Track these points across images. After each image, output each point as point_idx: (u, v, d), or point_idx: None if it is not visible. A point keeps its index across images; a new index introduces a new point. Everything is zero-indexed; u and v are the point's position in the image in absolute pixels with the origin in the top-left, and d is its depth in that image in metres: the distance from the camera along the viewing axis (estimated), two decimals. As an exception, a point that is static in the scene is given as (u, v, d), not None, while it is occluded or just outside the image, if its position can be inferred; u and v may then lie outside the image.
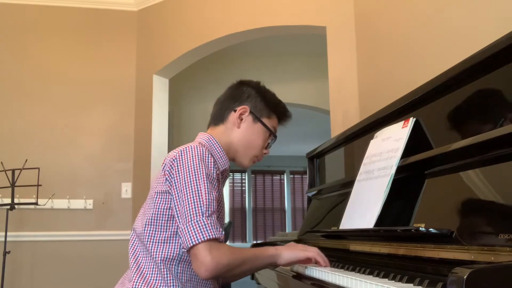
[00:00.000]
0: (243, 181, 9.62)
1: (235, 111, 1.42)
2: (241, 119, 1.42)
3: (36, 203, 3.07)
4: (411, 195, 1.15)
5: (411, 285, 0.90)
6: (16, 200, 3.07)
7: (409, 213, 1.12)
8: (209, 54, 3.61)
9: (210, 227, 1.17)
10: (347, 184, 1.57)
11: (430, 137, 1.20)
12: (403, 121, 1.26)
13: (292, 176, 9.72)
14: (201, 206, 1.19)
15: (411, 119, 1.23)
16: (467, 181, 0.97)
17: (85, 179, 3.53)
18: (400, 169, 1.19)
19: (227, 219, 8.78)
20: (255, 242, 3.68)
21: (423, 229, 0.96)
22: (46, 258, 3.39)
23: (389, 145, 1.27)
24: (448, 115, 1.16)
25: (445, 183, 1.05)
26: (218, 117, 1.45)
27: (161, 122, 3.65)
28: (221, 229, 1.20)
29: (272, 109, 1.46)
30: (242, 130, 1.42)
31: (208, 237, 1.16)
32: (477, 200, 0.92)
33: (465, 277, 0.64)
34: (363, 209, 1.28)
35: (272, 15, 3.06)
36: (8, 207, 3.03)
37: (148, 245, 1.27)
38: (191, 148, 1.27)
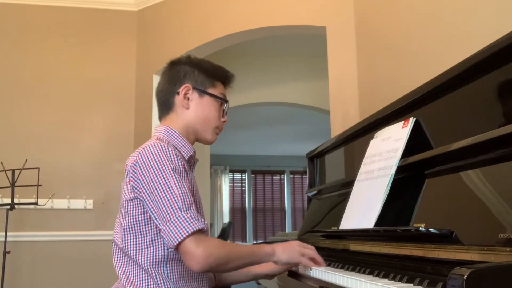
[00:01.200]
0: (243, 181, 9.62)
1: (178, 93, 1.37)
2: (188, 99, 1.37)
3: (36, 203, 3.07)
4: (411, 195, 1.15)
5: (411, 285, 0.90)
6: (16, 200, 3.07)
7: (409, 213, 1.12)
8: (209, 54, 3.61)
9: (191, 220, 1.14)
10: (347, 184, 1.57)
11: (430, 137, 1.20)
12: (403, 121, 1.26)
13: (292, 176, 9.72)
14: (176, 202, 1.15)
15: (411, 119, 1.23)
16: (467, 181, 0.97)
17: (85, 179, 3.53)
18: (400, 169, 1.19)
19: (226, 219, 8.78)
20: (255, 242, 3.68)
21: (423, 229, 0.96)
22: (46, 258, 3.38)
23: (389, 145, 1.27)
24: (448, 115, 1.16)
25: (445, 183, 1.05)
26: (164, 106, 1.40)
27: (161, 122, 3.65)
28: (203, 219, 1.17)
29: (213, 76, 1.41)
30: (192, 109, 1.37)
31: (192, 230, 1.12)
32: (477, 200, 0.92)
33: (465, 277, 0.64)
34: (363, 209, 1.28)
35: (272, 15, 3.06)
36: (8, 207, 3.03)
37: (131, 254, 1.23)
38: (149, 147, 1.23)
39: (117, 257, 1.29)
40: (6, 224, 3.02)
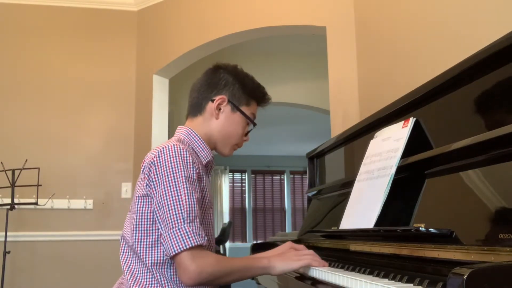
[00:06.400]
0: (243, 181, 9.61)
1: (212, 101, 1.36)
2: (220, 109, 1.37)
3: (36, 203, 3.07)
4: (411, 195, 1.15)
5: (411, 285, 0.90)
6: (16, 200, 3.07)
7: (409, 213, 1.12)
8: (209, 54, 3.61)
9: (192, 234, 1.13)
10: (347, 184, 1.57)
11: (430, 137, 1.20)
12: (403, 121, 1.26)
13: (292, 176, 9.72)
14: (182, 212, 1.15)
15: (411, 119, 1.23)
16: (467, 181, 0.97)
17: (85, 179, 3.53)
18: (400, 169, 1.19)
19: (226, 219, 8.78)
20: (255, 242, 3.68)
21: (423, 229, 0.96)
22: (46, 258, 3.39)
23: (389, 145, 1.27)
24: (448, 115, 1.16)
25: (445, 183, 1.05)
26: (195, 108, 1.39)
27: (161, 122, 3.65)
28: (203, 235, 1.16)
29: (251, 95, 1.41)
30: (221, 121, 1.37)
31: (190, 245, 1.12)
32: (477, 200, 0.92)
33: (465, 277, 0.64)
34: (363, 209, 1.28)
35: (272, 15, 3.06)
36: (8, 207, 3.03)
37: (138, 251, 1.23)
38: (169, 149, 1.21)
39: (124, 252, 1.29)
40: (6, 224, 3.02)
